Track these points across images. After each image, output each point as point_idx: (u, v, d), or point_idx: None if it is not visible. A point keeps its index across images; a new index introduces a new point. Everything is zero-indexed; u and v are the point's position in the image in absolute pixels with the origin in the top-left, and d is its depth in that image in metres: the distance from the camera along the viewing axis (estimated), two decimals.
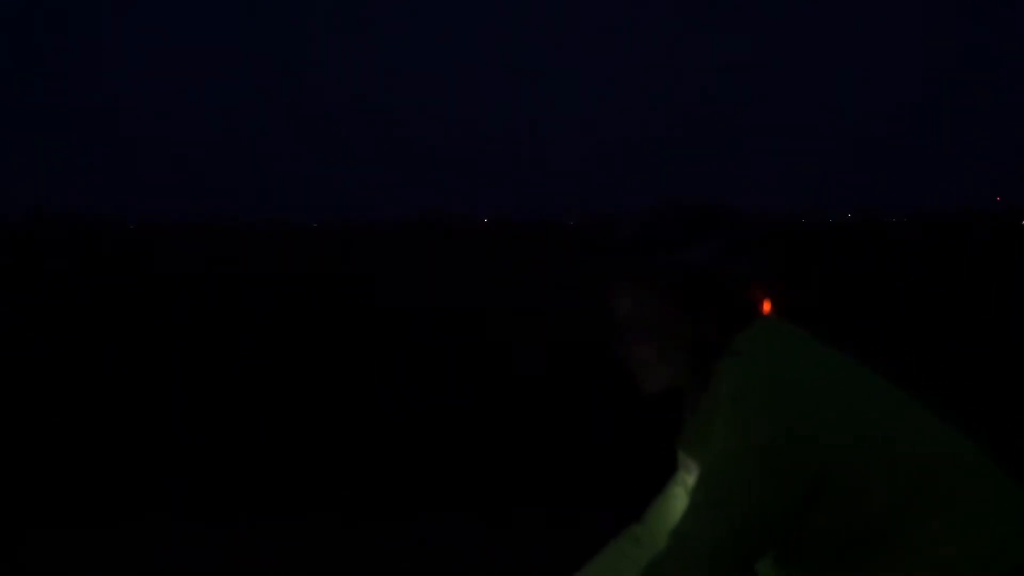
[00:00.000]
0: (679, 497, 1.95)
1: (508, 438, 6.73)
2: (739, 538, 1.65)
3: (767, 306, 1.81)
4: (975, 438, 1.78)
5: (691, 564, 1.65)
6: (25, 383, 8.91)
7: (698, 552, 1.65)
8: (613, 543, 2.01)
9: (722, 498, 1.66)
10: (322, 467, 6.19)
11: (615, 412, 6.68)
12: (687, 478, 1.91)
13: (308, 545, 4.92)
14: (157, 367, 10.02)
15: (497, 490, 5.63)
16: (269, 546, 4.92)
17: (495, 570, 4.45)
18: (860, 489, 1.66)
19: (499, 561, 4.57)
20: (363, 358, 10.40)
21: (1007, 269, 22.98)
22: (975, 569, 1.65)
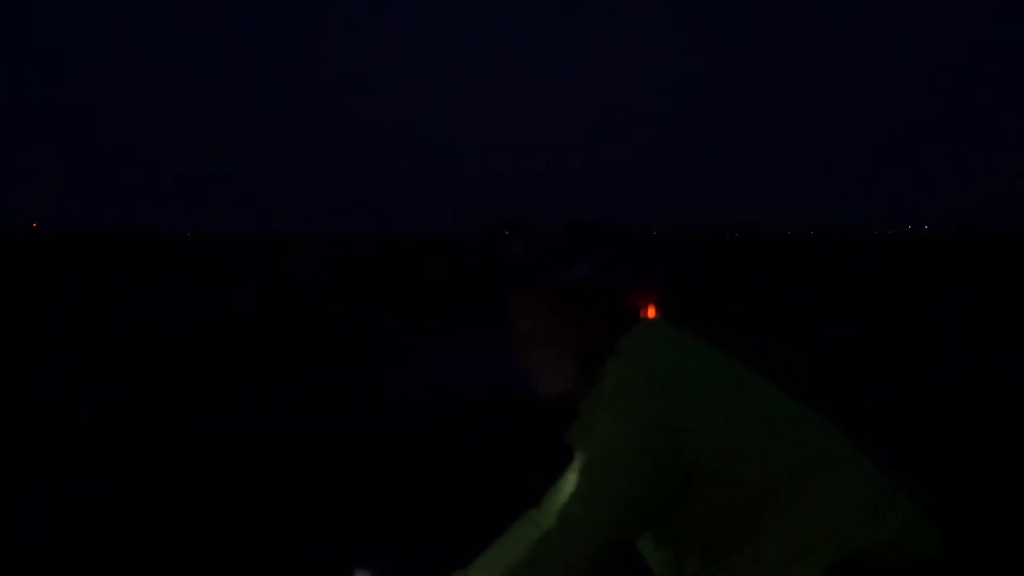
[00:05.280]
0: (573, 482, 2.07)
1: None
2: (619, 518, 1.82)
3: (651, 310, 1.96)
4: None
5: (576, 541, 1.82)
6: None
7: (582, 530, 1.81)
8: (513, 526, 2.16)
9: (604, 482, 1.82)
10: None
11: None
12: (579, 465, 2.04)
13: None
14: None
15: None
16: None
17: None
18: (733, 477, 1.83)
19: None
20: None
21: None
22: (839, 545, 1.80)
